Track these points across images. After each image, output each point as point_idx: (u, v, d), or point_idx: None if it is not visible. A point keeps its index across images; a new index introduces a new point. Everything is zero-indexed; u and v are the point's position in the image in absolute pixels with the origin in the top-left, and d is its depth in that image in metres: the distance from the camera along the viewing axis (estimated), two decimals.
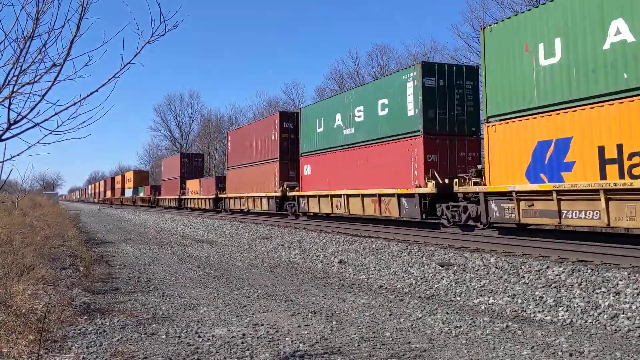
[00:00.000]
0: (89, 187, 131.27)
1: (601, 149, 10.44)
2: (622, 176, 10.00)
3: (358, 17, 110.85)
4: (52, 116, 3.28)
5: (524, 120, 12.23)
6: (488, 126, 13.16)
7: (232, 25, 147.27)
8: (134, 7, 3.32)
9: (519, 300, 8.19)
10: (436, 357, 5.65)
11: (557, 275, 8.83)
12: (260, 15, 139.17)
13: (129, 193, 70.26)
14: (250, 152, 29.94)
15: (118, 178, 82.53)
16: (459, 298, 8.95)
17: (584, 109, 10.83)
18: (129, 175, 73.07)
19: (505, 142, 12.67)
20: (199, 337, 6.38)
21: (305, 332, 6.64)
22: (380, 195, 17.83)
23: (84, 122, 3.34)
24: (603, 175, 10.35)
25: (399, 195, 16.91)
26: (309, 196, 23.12)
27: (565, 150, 11.19)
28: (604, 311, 7.24)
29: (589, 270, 8.68)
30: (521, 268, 9.60)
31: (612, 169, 10.22)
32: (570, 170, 11.09)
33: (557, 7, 11.44)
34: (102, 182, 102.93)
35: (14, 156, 3.39)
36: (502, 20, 13.21)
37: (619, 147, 10.08)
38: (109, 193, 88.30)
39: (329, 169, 21.42)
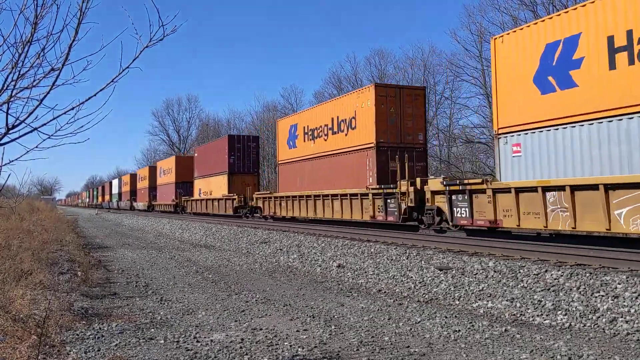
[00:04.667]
0: (115, 181, 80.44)
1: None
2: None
3: (357, 19, 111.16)
4: (50, 121, 3.28)
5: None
6: None
7: (230, 30, 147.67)
8: (132, 11, 3.33)
9: (518, 304, 8.18)
10: None
11: (555, 279, 8.83)
12: (258, 18, 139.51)
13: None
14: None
15: (218, 143, 36.63)
16: (457, 302, 8.94)
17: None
18: (289, 121, 26.07)
19: None
20: (198, 341, 6.36)
21: (304, 337, 6.62)
22: None
23: (82, 126, 3.35)
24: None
25: None
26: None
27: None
28: (603, 315, 7.24)
29: (588, 274, 8.69)
30: (520, 272, 9.61)
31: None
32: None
33: None
34: (159, 166, 51.24)
35: (12, 161, 3.40)
36: None
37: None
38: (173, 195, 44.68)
39: None
